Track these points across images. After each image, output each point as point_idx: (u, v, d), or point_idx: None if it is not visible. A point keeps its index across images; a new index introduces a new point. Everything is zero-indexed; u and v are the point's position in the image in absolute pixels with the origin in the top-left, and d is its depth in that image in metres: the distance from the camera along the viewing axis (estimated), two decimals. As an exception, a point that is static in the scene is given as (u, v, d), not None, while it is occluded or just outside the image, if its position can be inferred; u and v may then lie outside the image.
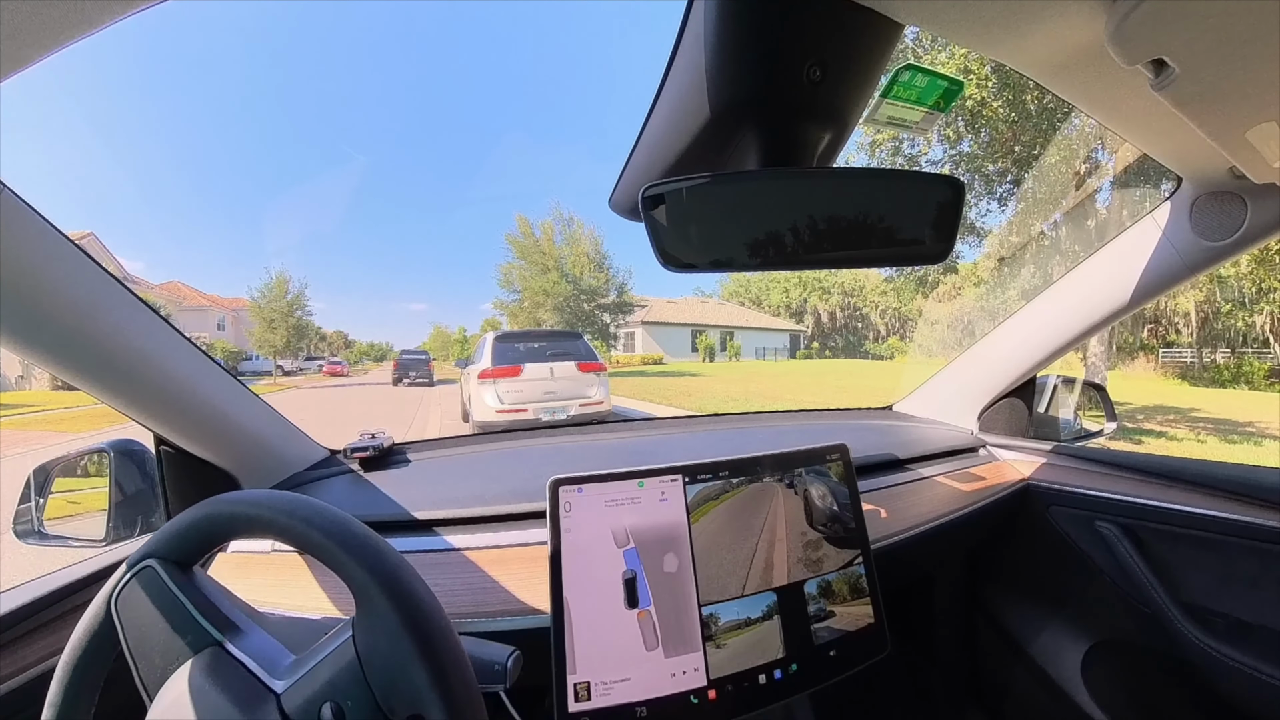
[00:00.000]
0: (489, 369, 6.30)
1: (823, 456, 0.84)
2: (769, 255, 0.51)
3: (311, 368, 36.22)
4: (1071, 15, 0.47)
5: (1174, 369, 16.68)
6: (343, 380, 26.40)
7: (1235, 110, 0.52)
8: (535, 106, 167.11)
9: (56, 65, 0.43)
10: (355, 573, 0.42)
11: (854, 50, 0.49)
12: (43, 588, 0.67)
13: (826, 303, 47.84)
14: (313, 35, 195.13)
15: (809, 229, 0.51)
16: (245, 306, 27.98)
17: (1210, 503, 0.91)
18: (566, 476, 0.71)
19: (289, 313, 25.89)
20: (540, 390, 6.37)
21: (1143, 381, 15.70)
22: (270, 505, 0.45)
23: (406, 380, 19.36)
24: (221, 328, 34.22)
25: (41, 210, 0.58)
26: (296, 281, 26.83)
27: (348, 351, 59.54)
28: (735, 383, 16.81)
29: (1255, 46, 0.44)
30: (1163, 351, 17.33)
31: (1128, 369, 17.45)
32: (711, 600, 0.71)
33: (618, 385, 11.41)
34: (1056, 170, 7.04)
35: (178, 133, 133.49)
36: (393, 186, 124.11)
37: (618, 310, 24.55)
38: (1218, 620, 0.89)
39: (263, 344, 26.00)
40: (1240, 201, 0.84)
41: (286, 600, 0.71)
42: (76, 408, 12.15)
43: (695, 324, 35.26)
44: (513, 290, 24.35)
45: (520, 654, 0.54)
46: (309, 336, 28.78)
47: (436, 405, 11.90)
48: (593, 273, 23.42)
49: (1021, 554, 1.20)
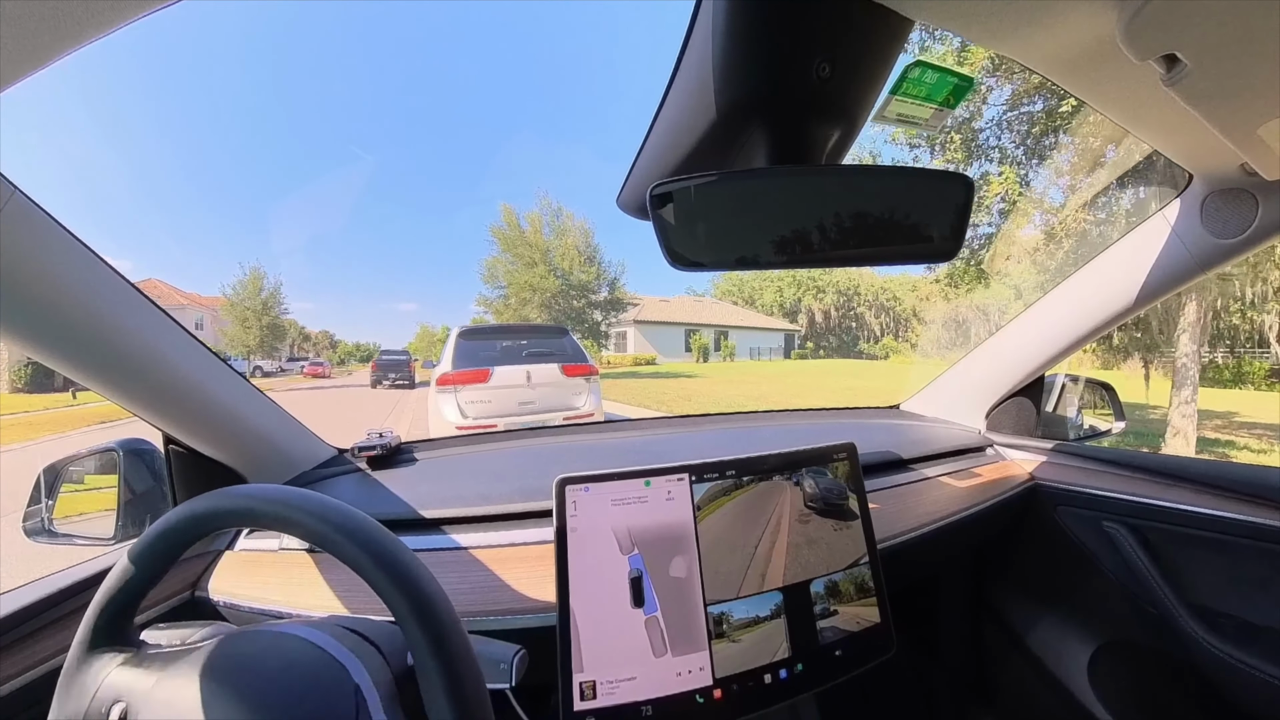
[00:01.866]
0: (448, 373, 4.87)
1: (829, 455, 0.84)
2: (777, 253, 0.51)
3: (294, 369, 35.34)
4: (1083, 11, 0.46)
5: (1172, 369, 16.56)
6: (322, 383, 25.65)
7: (1247, 106, 0.52)
8: (537, 105, 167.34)
9: (57, 65, 0.42)
10: (370, 569, 0.43)
11: (863, 47, 0.48)
12: (51, 586, 0.67)
13: (821, 302, 47.57)
14: (314, 36, 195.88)
15: (818, 227, 0.51)
16: (224, 305, 27.53)
17: (1218, 503, 0.90)
18: (573, 475, 0.71)
19: (263, 311, 25.09)
20: (514, 400, 4.93)
21: (1142, 382, 15.57)
22: (283, 501, 0.45)
23: (386, 382, 18.60)
24: (199, 327, 33.48)
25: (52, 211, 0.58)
26: (271, 278, 25.92)
27: (333, 352, 59.17)
28: (735, 384, 16.20)
29: (1267, 42, 0.43)
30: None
31: (1127, 369, 17.21)
32: (717, 600, 0.71)
33: (609, 388, 10.70)
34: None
35: (172, 129, 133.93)
36: (386, 186, 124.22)
37: (610, 308, 22.98)
38: (1226, 622, 0.89)
39: (235, 343, 25.22)
40: (1251, 198, 0.84)
41: (294, 599, 0.72)
42: (27, 412, 11.76)
43: (689, 323, 34.88)
44: (497, 285, 22.58)
45: (526, 652, 0.54)
46: (289, 336, 28.11)
47: (410, 411, 10.86)
48: (583, 267, 21.86)
49: (1028, 554, 1.19)
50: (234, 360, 28.99)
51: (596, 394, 5.40)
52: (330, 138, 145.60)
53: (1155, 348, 8.80)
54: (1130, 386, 13.22)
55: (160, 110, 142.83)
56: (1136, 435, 7.41)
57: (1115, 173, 5.84)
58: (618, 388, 14.14)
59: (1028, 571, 1.21)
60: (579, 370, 5.35)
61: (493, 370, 4.93)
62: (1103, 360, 11.96)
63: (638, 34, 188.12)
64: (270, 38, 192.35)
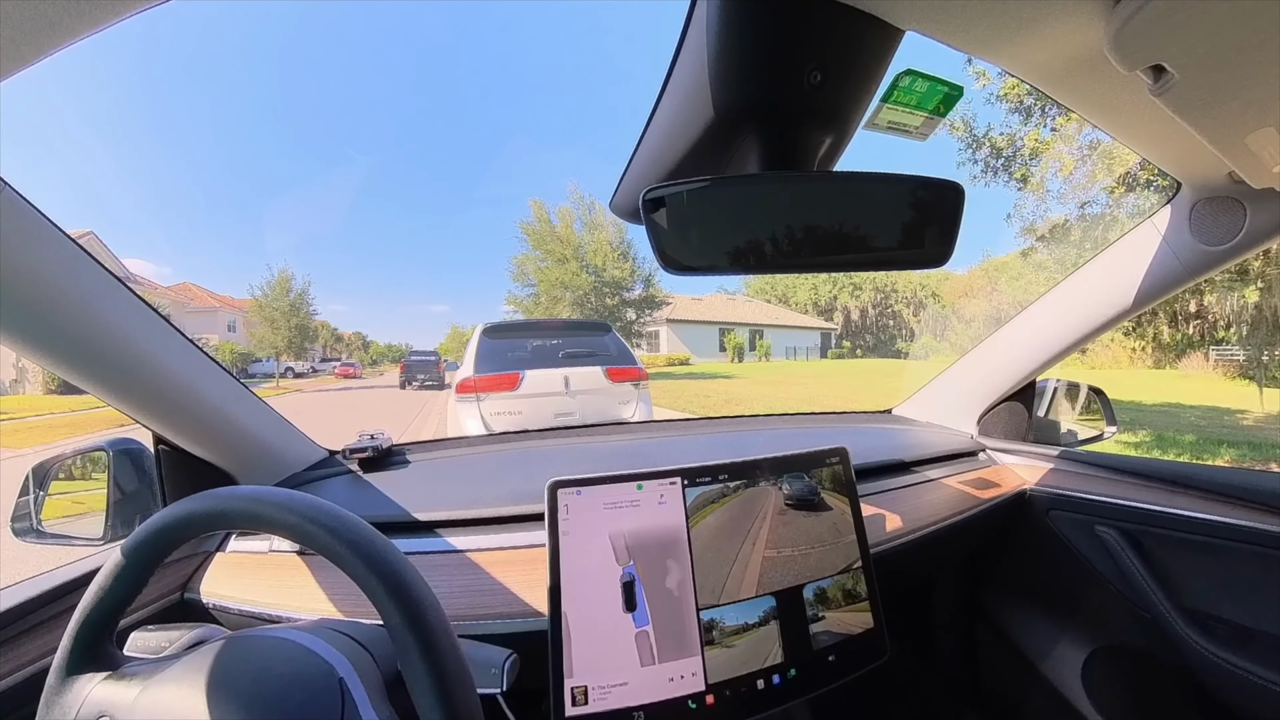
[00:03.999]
0: (470, 378, 4.04)
1: (822, 460, 0.84)
2: (770, 258, 0.51)
3: (326, 369, 35.69)
4: (1071, 22, 0.47)
5: (1230, 369, 16.09)
6: (351, 383, 25.82)
7: (1234, 115, 0.53)
8: (541, 106, 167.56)
9: (60, 67, 0.43)
10: (359, 570, 0.42)
11: (854, 55, 0.49)
12: (40, 586, 0.67)
13: (857, 300, 46.53)
14: (340, 36, 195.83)
15: (810, 232, 0.51)
16: (252, 307, 27.52)
17: (1211, 507, 0.91)
18: (565, 479, 0.71)
19: (291, 312, 25.19)
20: (549, 411, 4.10)
21: (1205, 381, 14.20)
22: (273, 502, 0.45)
23: (415, 383, 18.44)
24: (232, 329, 33.88)
25: (43, 209, 0.58)
26: (300, 279, 25.87)
27: (365, 353, 60.19)
28: (778, 385, 14.94)
29: (1254, 52, 0.44)
30: (1213, 349, 16.79)
31: (1184, 367, 16.48)
32: (710, 604, 0.71)
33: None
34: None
35: (202, 135, 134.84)
36: (412, 193, 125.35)
37: (644, 306, 21.63)
38: (1219, 626, 0.89)
39: (264, 345, 25.34)
40: (1239, 206, 0.85)
41: (284, 601, 0.71)
42: (50, 414, 11.73)
43: (723, 322, 34.15)
44: (527, 284, 21.52)
45: (517, 657, 0.54)
46: (320, 337, 28.06)
47: (437, 415, 10.15)
48: (616, 263, 20.44)
49: (1022, 559, 1.20)
50: (265, 361, 28.84)
51: (647, 402, 4.47)
52: (334, 141, 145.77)
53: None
54: (1186, 388, 12.42)
55: (206, 116, 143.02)
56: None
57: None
58: (654, 390, 13.57)
59: (1021, 576, 1.21)
60: (626, 374, 4.38)
61: (523, 375, 4.10)
62: (1154, 359, 11.47)
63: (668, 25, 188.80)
64: (301, 39, 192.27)
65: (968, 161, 6.96)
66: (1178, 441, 6.39)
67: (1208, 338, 15.97)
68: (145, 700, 0.42)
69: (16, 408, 13.82)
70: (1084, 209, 6.77)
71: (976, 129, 6.77)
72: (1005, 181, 6.88)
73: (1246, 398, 9.96)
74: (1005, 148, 6.68)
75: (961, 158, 6.95)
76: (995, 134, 6.67)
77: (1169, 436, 6.64)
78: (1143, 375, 15.42)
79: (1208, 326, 15.25)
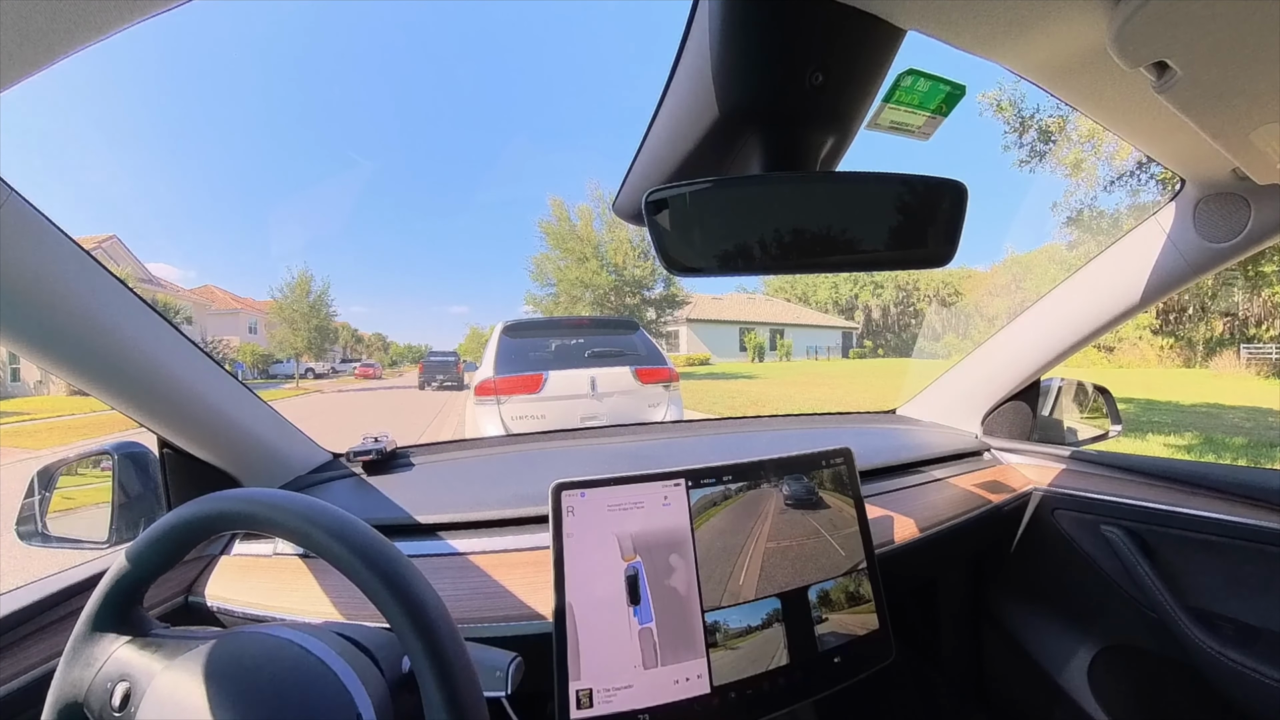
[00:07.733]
0: (489, 379, 3.83)
1: (826, 460, 0.84)
2: (772, 259, 0.51)
3: (346, 370, 35.69)
4: (1074, 19, 0.47)
5: (1264, 367, 15.79)
6: (371, 384, 25.88)
7: (1238, 112, 0.52)
8: (538, 107, 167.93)
9: (72, 76, 0.43)
10: (359, 571, 0.42)
11: (856, 55, 0.49)
12: (44, 589, 0.67)
13: (879, 299, 45.86)
14: (366, 36, 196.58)
15: (812, 233, 0.51)
16: (271, 308, 27.68)
17: (1217, 506, 0.90)
18: (569, 481, 0.71)
19: (311, 313, 25.16)
20: (574, 414, 3.86)
21: (1238, 380, 13.90)
22: (275, 504, 0.45)
23: (434, 384, 18.33)
24: (253, 330, 34.01)
25: (51, 215, 0.58)
26: (320, 280, 25.95)
27: (385, 354, 60.81)
28: (803, 386, 14.24)
29: (1258, 48, 0.44)
30: (1244, 347, 16.39)
31: (1214, 366, 16.00)
32: (715, 606, 0.71)
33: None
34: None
35: (227, 140, 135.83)
36: (431, 197, 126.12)
37: (664, 305, 21.46)
38: (1226, 625, 0.88)
39: (284, 346, 25.38)
40: (1244, 203, 0.84)
41: (288, 604, 0.71)
42: (72, 415, 11.80)
43: (743, 321, 33.81)
44: (547, 283, 21.27)
45: (522, 660, 0.54)
46: (341, 338, 28.05)
47: (455, 416, 9.96)
48: (637, 261, 20.06)
49: (1027, 558, 1.19)
50: (285, 362, 28.89)
51: (678, 404, 4.23)
52: (339, 144, 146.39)
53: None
54: (1221, 387, 11.72)
55: (230, 120, 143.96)
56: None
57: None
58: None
59: (1026, 577, 1.21)
60: (656, 375, 4.15)
61: (546, 376, 3.87)
62: (1184, 358, 11.21)
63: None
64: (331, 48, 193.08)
65: (1013, 145, 6.59)
66: (1228, 445, 6.03)
67: (1238, 335, 15.66)
68: (167, 678, 0.43)
69: (39, 408, 13.91)
70: (1137, 198, 6.49)
71: (1024, 110, 6.32)
72: (1052, 168, 6.56)
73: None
74: (1056, 131, 6.29)
75: (1007, 140, 6.55)
76: (1045, 116, 6.27)
77: (1218, 439, 6.29)
78: (1174, 374, 14.95)
79: (1238, 324, 14.93)
